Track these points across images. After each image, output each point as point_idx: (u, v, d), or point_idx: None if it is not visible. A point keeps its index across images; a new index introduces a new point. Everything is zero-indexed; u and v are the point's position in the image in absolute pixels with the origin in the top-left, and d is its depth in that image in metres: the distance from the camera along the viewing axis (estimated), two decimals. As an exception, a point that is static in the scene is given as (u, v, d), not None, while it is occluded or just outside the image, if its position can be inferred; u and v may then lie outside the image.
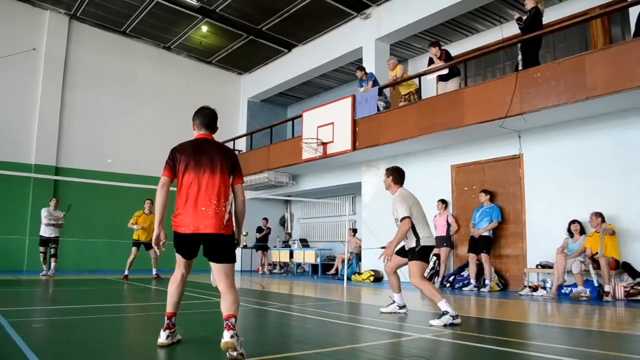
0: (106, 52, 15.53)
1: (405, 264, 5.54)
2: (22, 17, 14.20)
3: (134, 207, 11.82)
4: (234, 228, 3.61)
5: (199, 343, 3.92)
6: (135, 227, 11.28)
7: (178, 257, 3.67)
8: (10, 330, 4.11)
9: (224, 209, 3.49)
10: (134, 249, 11.26)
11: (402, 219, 5.31)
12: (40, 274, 11.59)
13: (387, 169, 5.83)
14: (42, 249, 11.64)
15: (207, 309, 6.01)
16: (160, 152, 16.62)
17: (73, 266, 14.19)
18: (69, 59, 14.87)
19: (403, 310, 5.76)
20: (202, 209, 3.45)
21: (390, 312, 5.75)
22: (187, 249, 3.59)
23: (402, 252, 5.59)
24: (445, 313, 4.87)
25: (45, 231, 11.57)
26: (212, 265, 3.48)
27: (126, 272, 11.07)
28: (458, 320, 4.86)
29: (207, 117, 3.76)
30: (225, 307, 3.36)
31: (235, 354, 3.12)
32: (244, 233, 15.84)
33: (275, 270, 15.89)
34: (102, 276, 12.13)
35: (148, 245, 11.02)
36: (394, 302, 5.82)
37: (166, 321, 3.63)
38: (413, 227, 5.34)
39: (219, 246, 3.47)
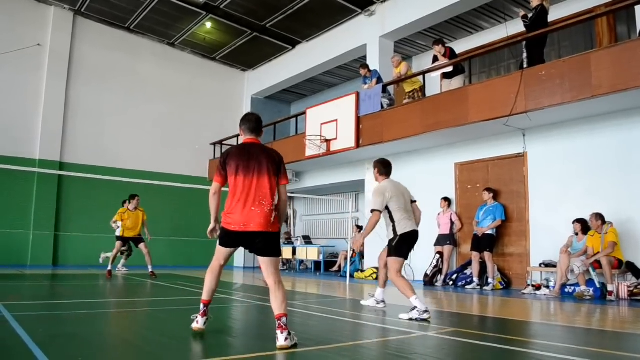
0: (110, 48, 15.55)
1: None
2: (27, 13, 14.22)
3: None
4: (277, 225, 3.86)
5: (200, 334, 3.93)
6: (115, 226, 10.94)
7: (221, 249, 3.93)
8: (15, 323, 4.13)
9: (271, 208, 3.75)
10: (118, 243, 10.93)
11: (371, 211, 5.38)
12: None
13: (374, 162, 5.87)
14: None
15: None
16: (164, 148, 16.71)
17: (77, 261, 14.24)
18: (73, 55, 14.89)
19: (381, 306, 5.92)
20: (251, 209, 3.70)
21: (369, 305, 5.93)
22: (234, 245, 3.88)
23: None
24: (414, 308, 5.04)
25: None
26: (261, 260, 3.75)
27: (109, 268, 10.56)
28: (426, 316, 5.00)
29: (252, 122, 3.99)
30: (277, 305, 3.63)
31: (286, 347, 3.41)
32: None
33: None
34: (106, 271, 12.14)
35: (137, 241, 10.89)
36: (372, 296, 6.02)
37: (203, 308, 3.92)
38: (391, 218, 5.37)
39: (267, 242, 3.74)
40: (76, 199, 14.50)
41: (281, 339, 3.39)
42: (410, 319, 5.01)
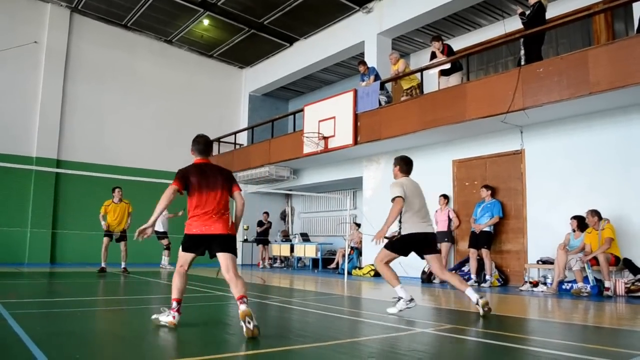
0: (108, 45, 15.51)
1: (394, 258, 5.40)
2: (24, 10, 14.17)
3: (135, 200, 11.75)
4: (234, 228, 4.35)
5: (197, 332, 3.93)
6: (103, 223, 10.75)
7: (184, 255, 4.28)
8: (12, 321, 4.12)
9: (228, 217, 4.28)
10: (105, 239, 10.78)
11: (393, 199, 5.15)
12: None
13: (395, 158, 5.63)
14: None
15: (209, 302, 6.02)
16: (161, 145, 16.70)
17: (74, 259, 14.23)
18: (70, 52, 14.84)
19: (412, 304, 5.26)
20: (211, 217, 4.18)
21: (400, 310, 5.23)
22: (196, 248, 4.24)
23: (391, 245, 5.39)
24: (399, 299, 5.14)
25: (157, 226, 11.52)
26: (222, 256, 4.16)
27: (103, 265, 10.60)
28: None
29: (201, 145, 4.50)
30: (238, 290, 3.98)
31: (251, 325, 3.65)
32: (245, 227, 15.90)
33: (276, 265, 15.92)
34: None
35: (120, 238, 10.81)
36: (400, 298, 5.26)
37: (177, 306, 4.18)
38: (401, 215, 5.23)
39: (227, 241, 4.21)
40: (73, 197, 14.48)
41: (243, 307, 3.82)
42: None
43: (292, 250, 15.18)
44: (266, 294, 6.72)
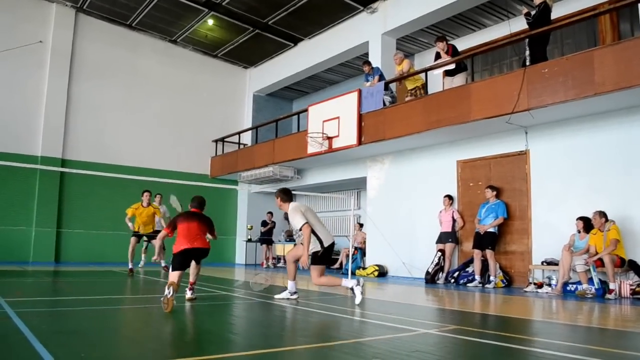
0: (112, 45, 15.56)
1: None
2: (29, 10, 14.23)
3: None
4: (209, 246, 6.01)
5: (200, 331, 3.93)
6: (130, 224, 10.67)
7: (174, 273, 5.45)
8: (17, 320, 4.13)
9: (204, 238, 5.97)
10: (132, 239, 10.70)
11: (302, 226, 5.94)
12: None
13: (275, 192, 6.62)
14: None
15: (213, 302, 6.02)
16: (165, 145, 16.76)
17: (78, 258, 14.28)
18: (75, 52, 14.90)
19: (294, 297, 6.33)
20: (194, 237, 5.79)
21: (283, 298, 6.28)
22: (187, 261, 5.80)
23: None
24: (346, 286, 6.05)
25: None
26: (196, 260, 6.02)
27: (130, 266, 10.47)
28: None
29: (195, 203, 6.18)
30: (193, 275, 6.13)
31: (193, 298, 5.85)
32: (248, 227, 15.92)
33: (280, 264, 15.92)
34: (108, 268, 12.19)
35: (150, 237, 10.80)
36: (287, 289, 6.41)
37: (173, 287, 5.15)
38: (313, 232, 6.01)
39: (204, 252, 5.93)
40: (78, 196, 14.53)
41: (189, 294, 5.86)
42: (351, 288, 5.93)
43: (295, 250, 15.13)
44: (270, 294, 6.73)
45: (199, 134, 16.96)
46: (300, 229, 5.99)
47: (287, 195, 6.47)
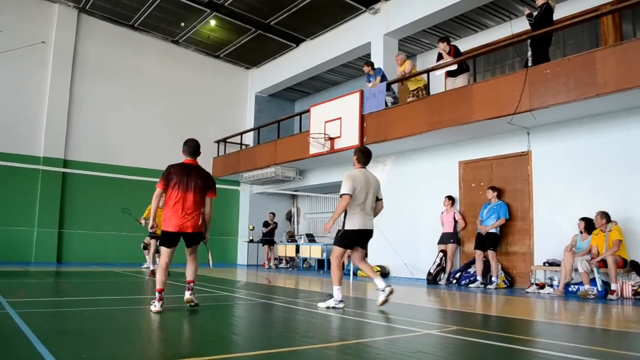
0: (115, 45, 15.58)
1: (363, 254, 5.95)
2: (32, 10, 14.26)
3: (141, 200, 11.71)
4: (203, 227, 5.31)
5: (202, 331, 3.93)
6: (144, 222, 10.50)
7: (166, 250, 5.14)
8: (19, 320, 4.14)
9: (198, 216, 5.16)
10: (153, 241, 10.31)
11: (341, 195, 5.56)
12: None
13: (354, 149, 6.04)
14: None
15: (215, 303, 6.02)
16: (168, 145, 16.77)
17: (81, 258, 14.30)
18: (77, 52, 14.93)
19: (340, 305, 5.58)
20: (184, 216, 5.05)
21: (329, 307, 5.55)
22: (174, 243, 5.15)
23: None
24: (330, 296, 5.58)
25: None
26: (189, 245, 5.24)
27: (152, 267, 10.10)
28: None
29: (191, 147, 5.28)
30: (190, 273, 5.32)
31: (192, 304, 5.14)
32: (250, 227, 15.92)
33: (282, 265, 15.93)
34: (110, 269, 12.21)
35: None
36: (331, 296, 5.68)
37: (159, 295, 4.92)
38: (345, 210, 5.57)
39: (196, 237, 5.22)
40: (80, 197, 14.56)
41: (187, 294, 5.11)
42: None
43: (297, 250, 15.18)
44: (272, 295, 6.73)
45: (201, 135, 16.74)
46: (340, 197, 5.52)
47: (363, 156, 5.82)
